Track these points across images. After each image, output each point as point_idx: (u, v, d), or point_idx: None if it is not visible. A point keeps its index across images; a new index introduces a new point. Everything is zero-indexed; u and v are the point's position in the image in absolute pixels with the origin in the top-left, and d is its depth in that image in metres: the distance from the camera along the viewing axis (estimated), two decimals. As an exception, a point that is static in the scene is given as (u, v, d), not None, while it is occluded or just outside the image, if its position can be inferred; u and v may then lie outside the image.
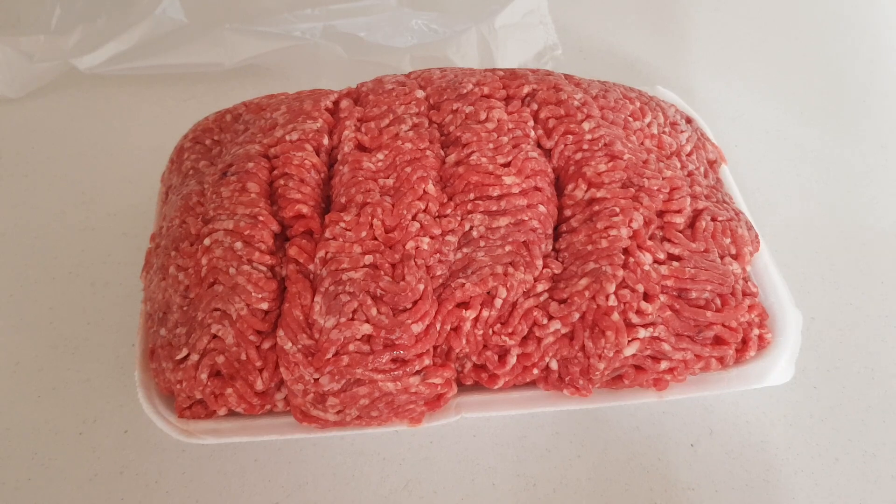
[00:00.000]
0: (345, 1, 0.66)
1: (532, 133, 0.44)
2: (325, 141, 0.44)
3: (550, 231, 0.42)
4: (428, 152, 0.43)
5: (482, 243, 0.40)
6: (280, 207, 0.41)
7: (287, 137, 0.44)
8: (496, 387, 0.39)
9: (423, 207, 0.40)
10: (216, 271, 0.39)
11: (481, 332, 0.38)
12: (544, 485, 0.43)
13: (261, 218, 0.40)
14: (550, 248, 0.41)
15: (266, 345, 0.38)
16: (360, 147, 0.44)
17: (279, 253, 0.40)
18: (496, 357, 0.39)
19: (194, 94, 0.67)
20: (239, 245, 0.39)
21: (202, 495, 0.43)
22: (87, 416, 0.46)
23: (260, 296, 0.38)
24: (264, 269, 0.39)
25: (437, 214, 0.40)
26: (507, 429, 0.45)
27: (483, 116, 0.44)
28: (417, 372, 0.37)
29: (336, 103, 0.47)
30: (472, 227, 0.41)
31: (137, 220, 0.56)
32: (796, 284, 0.52)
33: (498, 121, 0.44)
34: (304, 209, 0.40)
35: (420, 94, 0.47)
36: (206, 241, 0.40)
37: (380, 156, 0.43)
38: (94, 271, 0.54)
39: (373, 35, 0.65)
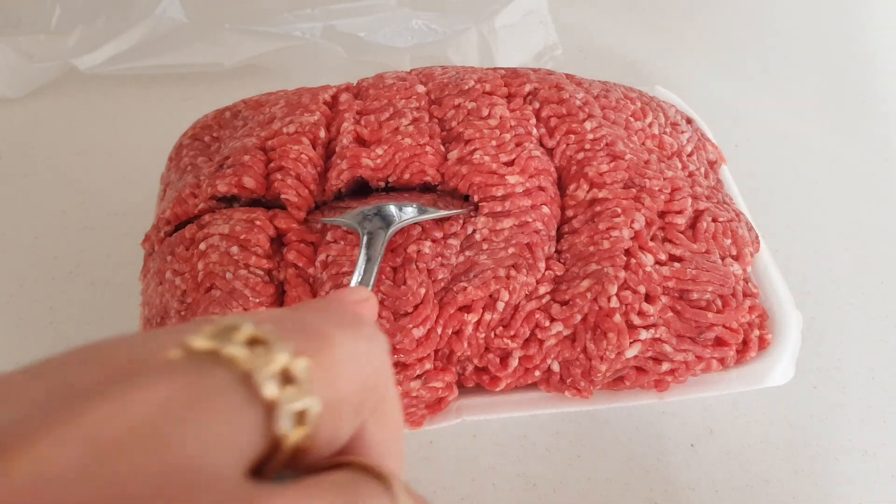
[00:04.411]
0: (345, 1, 0.66)
1: (534, 131, 0.44)
2: (322, 134, 0.44)
3: (554, 233, 0.41)
4: (428, 148, 0.43)
5: (485, 246, 0.40)
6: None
7: (284, 130, 0.43)
8: (498, 389, 0.39)
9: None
10: (213, 276, 0.39)
11: (483, 335, 0.38)
12: (544, 485, 0.43)
13: (257, 222, 0.40)
14: (553, 249, 0.41)
15: (265, 348, 0.38)
16: (359, 140, 0.44)
17: (276, 257, 0.40)
18: (498, 360, 0.39)
19: (194, 94, 0.67)
20: (235, 249, 0.39)
21: (203, 496, 0.43)
22: (87, 416, 0.46)
23: (257, 300, 0.38)
24: (261, 273, 0.39)
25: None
26: (507, 429, 0.45)
27: (485, 113, 0.44)
28: (418, 376, 0.37)
29: (335, 97, 0.47)
30: (475, 230, 0.40)
31: (137, 220, 0.56)
32: (796, 284, 0.52)
33: (500, 117, 0.44)
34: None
35: (421, 88, 0.46)
36: (202, 246, 0.40)
37: (379, 150, 0.43)
38: (94, 271, 0.54)
39: (373, 35, 0.65)
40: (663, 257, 0.40)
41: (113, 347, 0.15)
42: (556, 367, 0.39)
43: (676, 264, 0.40)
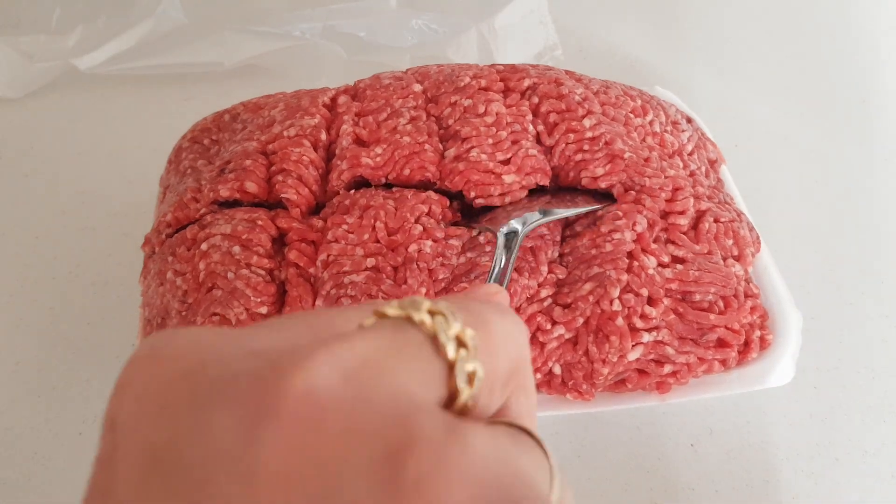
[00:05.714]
0: (345, 1, 0.66)
1: (531, 128, 0.44)
2: (323, 136, 0.44)
3: (558, 238, 0.41)
4: (426, 146, 0.43)
5: (488, 248, 0.40)
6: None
7: (285, 133, 0.43)
8: (499, 390, 0.39)
9: (426, 210, 0.40)
10: (214, 276, 0.39)
11: (484, 336, 0.38)
12: (545, 485, 0.43)
13: (259, 222, 0.40)
14: (557, 254, 0.41)
15: (266, 349, 0.38)
16: (359, 141, 0.44)
17: (278, 257, 0.40)
18: (499, 361, 0.39)
19: (194, 94, 0.67)
20: (237, 249, 0.39)
21: (203, 496, 0.43)
22: (87, 416, 0.46)
23: (259, 300, 0.38)
24: (263, 272, 0.39)
25: (440, 217, 0.40)
26: (507, 429, 0.45)
27: (482, 109, 0.44)
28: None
29: (334, 100, 0.47)
30: (479, 232, 0.40)
31: (137, 220, 0.56)
32: (796, 284, 0.52)
33: (496, 114, 0.44)
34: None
35: (417, 87, 0.47)
36: (204, 246, 0.40)
37: (378, 150, 0.43)
38: (94, 271, 0.54)
39: (373, 35, 0.65)
40: (666, 259, 0.40)
41: (314, 317, 0.19)
42: (557, 370, 0.39)
43: (679, 266, 0.39)
